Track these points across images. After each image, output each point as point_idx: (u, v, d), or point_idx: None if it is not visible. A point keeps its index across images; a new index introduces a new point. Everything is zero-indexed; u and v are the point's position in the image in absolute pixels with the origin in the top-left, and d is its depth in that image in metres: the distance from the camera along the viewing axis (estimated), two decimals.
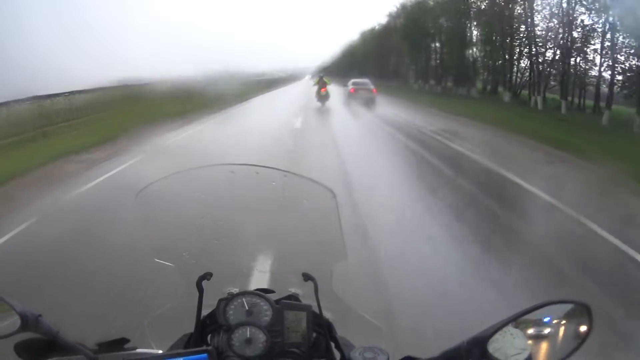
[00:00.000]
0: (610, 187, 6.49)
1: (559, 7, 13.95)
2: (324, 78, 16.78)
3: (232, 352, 0.95)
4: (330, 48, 23.66)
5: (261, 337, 0.94)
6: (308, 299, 1.00)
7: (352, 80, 18.06)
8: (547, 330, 0.81)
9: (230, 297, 0.98)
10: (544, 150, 9.21)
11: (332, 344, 1.00)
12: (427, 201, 5.91)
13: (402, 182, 7.17)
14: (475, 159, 8.54)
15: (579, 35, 13.43)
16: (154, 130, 10.64)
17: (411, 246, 4.32)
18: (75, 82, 12.68)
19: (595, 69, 13.32)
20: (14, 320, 0.85)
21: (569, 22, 13.58)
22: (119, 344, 0.97)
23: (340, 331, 1.02)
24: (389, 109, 16.22)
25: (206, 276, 1.02)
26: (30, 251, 4.26)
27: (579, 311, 0.81)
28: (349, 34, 25.01)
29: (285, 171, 1.10)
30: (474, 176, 7.31)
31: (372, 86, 17.64)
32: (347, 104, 17.12)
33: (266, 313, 0.96)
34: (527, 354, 0.79)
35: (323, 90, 16.41)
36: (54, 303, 3.03)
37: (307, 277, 0.99)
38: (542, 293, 3.25)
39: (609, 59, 12.81)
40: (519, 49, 16.06)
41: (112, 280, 3.44)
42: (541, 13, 14.81)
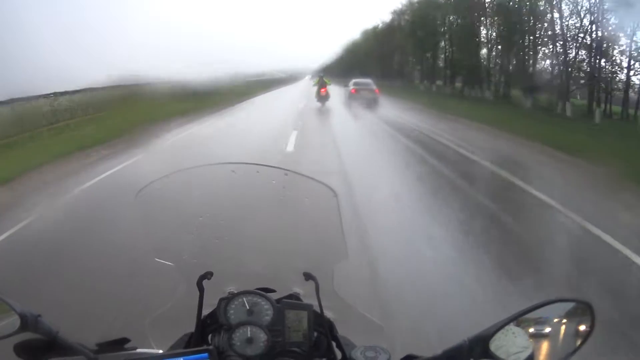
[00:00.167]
0: None
1: (590, 2, 12.35)
2: (324, 78, 16.10)
3: (233, 351, 0.94)
4: (331, 48, 23.38)
5: (262, 337, 0.94)
6: (309, 298, 1.00)
7: (354, 80, 16.44)
8: (548, 329, 0.82)
9: (231, 297, 0.97)
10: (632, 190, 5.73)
11: (333, 343, 1.00)
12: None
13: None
14: (542, 200, 5.46)
15: (607, 33, 12.02)
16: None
17: None
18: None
19: (621, 72, 12.12)
20: (14, 321, 0.85)
21: (599, 20, 12.17)
22: (119, 344, 0.97)
23: (341, 330, 1.02)
24: (397, 114, 14.28)
25: (207, 275, 1.01)
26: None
27: (581, 310, 0.82)
28: (351, 33, 24.46)
29: (286, 170, 1.10)
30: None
31: (374, 86, 16.06)
32: (348, 105, 15.52)
33: (267, 312, 0.96)
34: (529, 352, 0.80)
35: (323, 91, 15.75)
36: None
37: (308, 276, 0.99)
38: None
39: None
40: (542, 48, 14.52)
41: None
42: (569, 8, 13.15)
